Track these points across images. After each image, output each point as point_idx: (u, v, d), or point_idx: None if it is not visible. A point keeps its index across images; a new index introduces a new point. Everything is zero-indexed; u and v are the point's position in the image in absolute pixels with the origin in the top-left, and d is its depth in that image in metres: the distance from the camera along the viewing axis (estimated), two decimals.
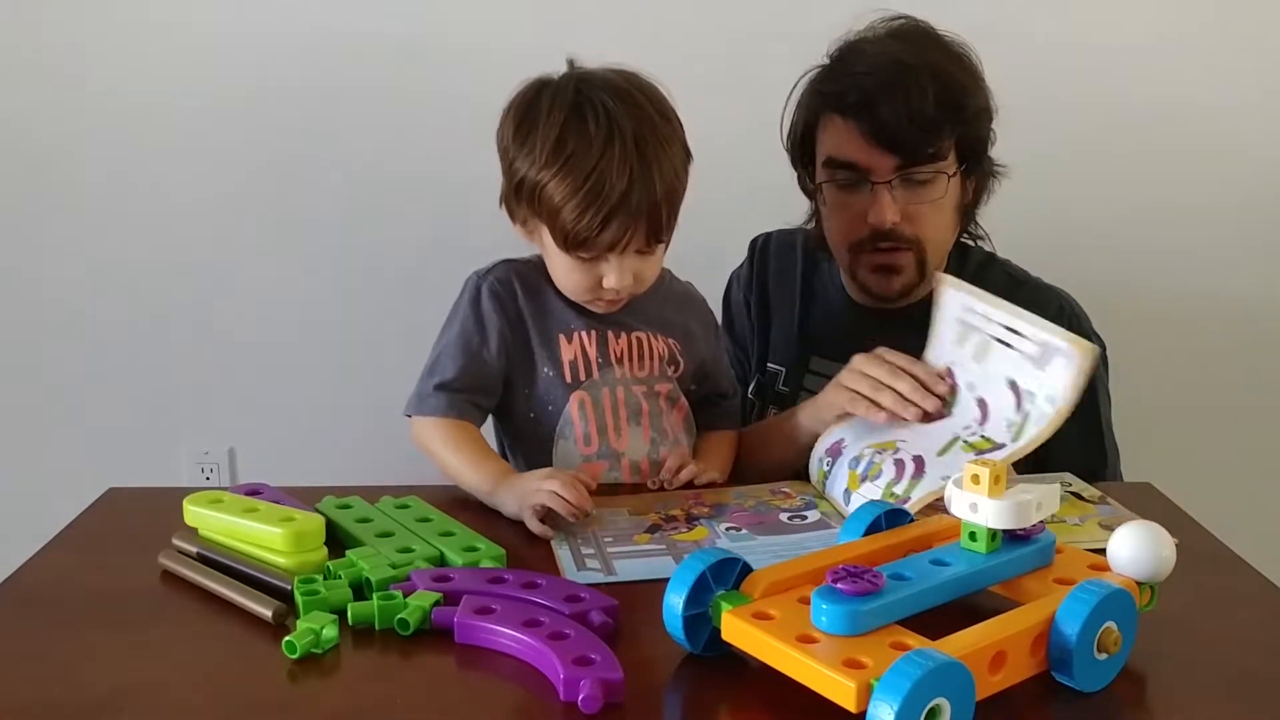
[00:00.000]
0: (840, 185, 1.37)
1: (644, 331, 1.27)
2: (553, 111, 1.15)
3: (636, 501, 1.16)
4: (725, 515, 1.12)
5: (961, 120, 1.33)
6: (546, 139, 1.14)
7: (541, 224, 1.18)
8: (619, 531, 1.08)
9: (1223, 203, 1.93)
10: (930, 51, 1.34)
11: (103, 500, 1.18)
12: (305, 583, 0.91)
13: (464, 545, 1.00)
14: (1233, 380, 1.99)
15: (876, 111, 1.30)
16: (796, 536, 1.07)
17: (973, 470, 0.83)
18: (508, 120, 1.20)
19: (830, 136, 1.37)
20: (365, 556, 0.97)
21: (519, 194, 1.19)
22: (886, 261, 1.38)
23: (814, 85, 1.40)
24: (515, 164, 1.18)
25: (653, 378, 1.27)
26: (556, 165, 1.14)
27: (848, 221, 1.38)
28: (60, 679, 0.82)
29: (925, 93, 1.29)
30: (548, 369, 1.23)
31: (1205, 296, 1.96)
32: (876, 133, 1.31)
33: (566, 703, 0.77)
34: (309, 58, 1.89)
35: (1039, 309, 1.41)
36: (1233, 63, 1.90)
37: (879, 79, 1.31)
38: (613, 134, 1.13)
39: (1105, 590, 0.78)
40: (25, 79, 1.90)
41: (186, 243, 1.97)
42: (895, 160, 1.32)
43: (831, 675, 0.71)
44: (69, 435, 2.03)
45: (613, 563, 1.01)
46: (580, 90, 1.16)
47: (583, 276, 1.19)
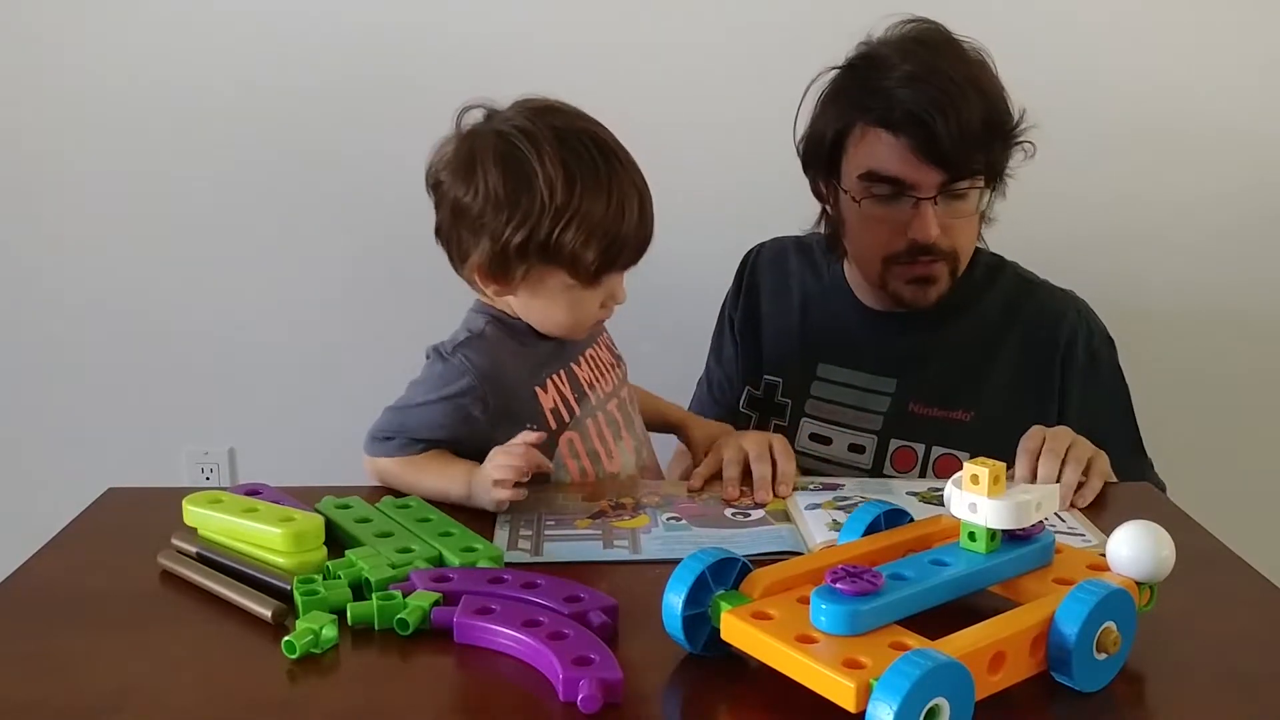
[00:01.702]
0: (878, 197, 1.35)
1: (588, 346, 1.27)
2: (544, 157, 1.10)
3: (594, 488, 1.19)
4: (672, 506, 1.14)
5: (1004, 135, 1.33)
6: (551, 183, 1.09)
7: (555, 270, 1.13)
8: (564, 515, 1.11)
9: (1228, 199, 1.93)
10: (963, 62, 1.33)
11: (103, 500, 1.18)
12: (304, 582, 0.91)
13: (462, 545, 1.00)
14: (1233, 380, 1.99)
15: (929, 128, 1.28)
16: (730, 531, 1.08)
17: (972, 470, 0.83)
18: (476, 179, 1.12)
19: (870, 149, 1.34)
20: (365, 556, 0.97)
21: (522, 252, 1.12)
22: (925, 273, 1.37)
23: (844, 93, 1.37)
24: (509, 226, 1.11)
25: (617, 385, 1.28)
26: (571, 206, 1.09)
27: (885, 234, 1.36)
28: (60, 679, 0.82)
29: (974, 109, 1.28)
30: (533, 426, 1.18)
31: (1205, 294, 1.96)
32: (927, 149, 1.29)
33: (566, 703, 0.77)
34: (305, 58, 1.89)
35: (1051, 311, 1.42)
36: (1233, 56, 1.90)
37: (927, 94, 1.28)
38: (608, 159, 1.12)
39: (1105, 590, 0.78)
40: (17, 78, 1.90)
41: (187, 243, 1.97)
42: (942, 176, 1.31)
43: (831, 675, 0.71)
44: (69, 435, 2.03)
45: (543, 545, 1.03)
46: (555, 128, 1.12)
47: (588, 305, 1.17)
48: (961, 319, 1.42)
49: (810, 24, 1.76)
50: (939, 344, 1.42)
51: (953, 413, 1.40)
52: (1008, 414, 1.37)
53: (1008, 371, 1.40)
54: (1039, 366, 1.40)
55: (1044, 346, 1.41)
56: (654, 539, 1.06)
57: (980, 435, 1.37)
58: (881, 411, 1.42)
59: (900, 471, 1.40)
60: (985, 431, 1.37)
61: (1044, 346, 1.41)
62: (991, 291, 1.44)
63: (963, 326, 1.42)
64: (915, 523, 0.94)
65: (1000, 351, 1.41)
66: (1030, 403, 1.38)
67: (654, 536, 1.06)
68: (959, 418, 1.40)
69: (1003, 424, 1.35)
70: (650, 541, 1.05)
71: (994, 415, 1.38)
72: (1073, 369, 1.40)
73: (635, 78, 1.85)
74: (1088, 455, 1.16)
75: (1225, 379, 1.99)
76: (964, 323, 1.42)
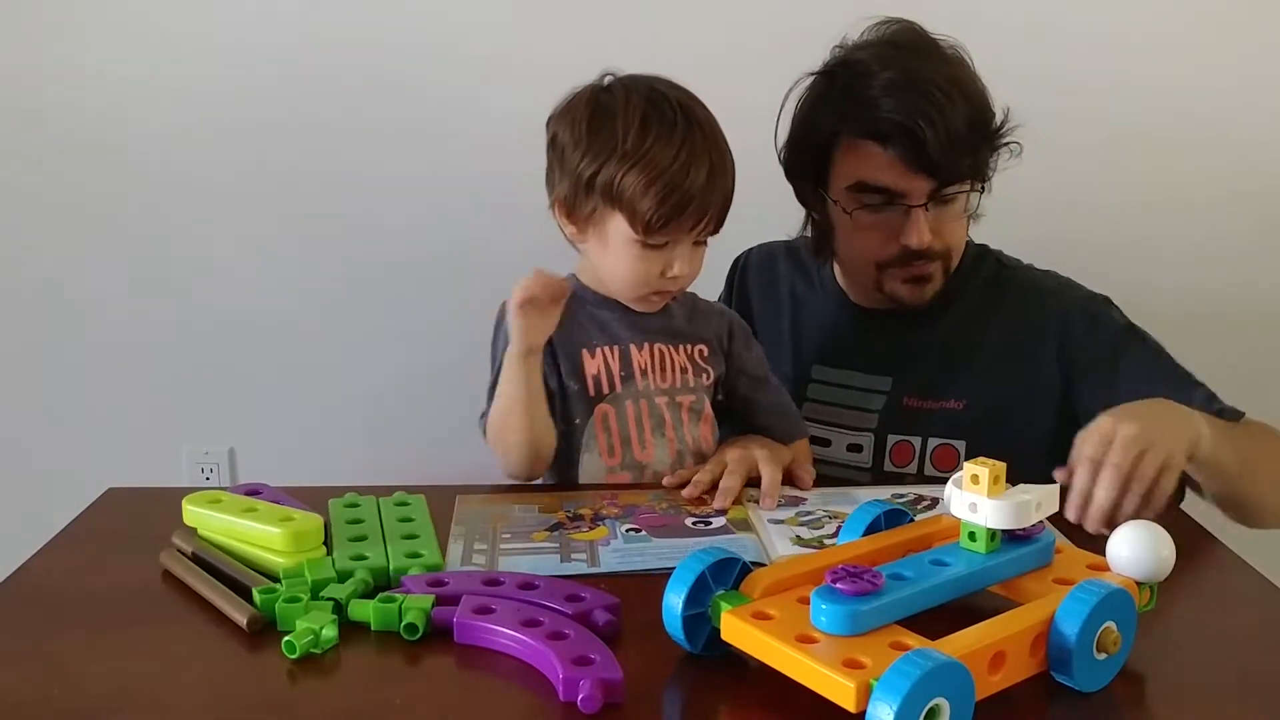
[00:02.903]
0: (868, 207, 1.34)
1: (665, 344, 1.29)
2: (629, 105, 1.19)
3: (550, 499, 1.17)
4: (632, 517, 1.12)
5: (989, 136, 1.33)
6: (628, 128, 1.18)
7: (615, 213, 1.20)
8: (519, 529, 1.09)
9: (1221, 194, 1.93)
10: (942, 63, 1.32)
11: (103, 500, 1.18)
12: (290, 587, 0.91)
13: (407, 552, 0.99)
14: (1233, 380, 1.99)
15: (916, 138, 1.27)
16: (690, 541, 1.06)
17: (972, 470, 0.83)
18: (572, 120, 1.22)
19: (859, 160, 1.33)
20: (364, 557, 0.97)
21: (590, 188, 1.20)
22: (920, 273, 1.37)
23: (827, 103, 1.36)
24: (584, 160, 1.19)
25: (675, 389, 1.28)
26: (641, 151, 1.17)
27: (877, 241, 1.36)
28: (60, 678, 0.82)
29: (958, 113, 1.28)
30: (572, 383, 1.25)
31: (1204, 291, 1.96)
32: (917, 159, 1.28)
33: (566, 703, 0.77)
34: (309, 57, 1.89)
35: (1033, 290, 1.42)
36: (1235, 51, 1.90)
37: (910, 103, 1.28)
38: (690, 125, 1.19)
39: (1105, 590, 0.78)
40: (17, 78, 1.90)
41: (186, 242, 1.97)
42: (932, 184, 1.31)
43: (831, 675, 0.71)
44: (69, 435, 2.03)
45: (499, 559, 1.02)
46: (653, 88, 1.21)
47: (649, 266, 1.22)
48: (948, 310, 1.42)
49: (789, 27, 1.75)
50: (929, 337, 1.43)
51: (946, 403, 1.40)
52: (999, 398, 1.38)
53: (995, 356, 1.41)
54: (1028, 346, 1.40)
55: (1031, 325, 1.40)
56: (612, 551, 1.03)
57: (974, 422, 1.38)
58: (877, 410, 1.43)
59: (899, 466, 1.41)
60: (979, 418, 1.38)
61: (1031, 325, 1.40)
62: (975, 280, 1.45)
63: (949, 317, 1.43)
64: (915, 523, 0.94)
65: (986, 337, 1.41)
66: (1022, 384, 1.38)
67: (612, 549, 1.04)
68: (952, 407, 1.40)
69: (996, 409, 1.38)
70: (609, 554, 1.03)
71: (986, 401, 1.39)
72: (1072, 340, 1.38)
73: None
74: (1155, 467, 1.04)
75: (1225, 379, 1.98)
76: (950, 313, 1.43)
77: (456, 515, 1.12)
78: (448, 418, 2.00)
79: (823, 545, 1.05)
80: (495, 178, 1.88)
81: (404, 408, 2.00)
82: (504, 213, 1.88)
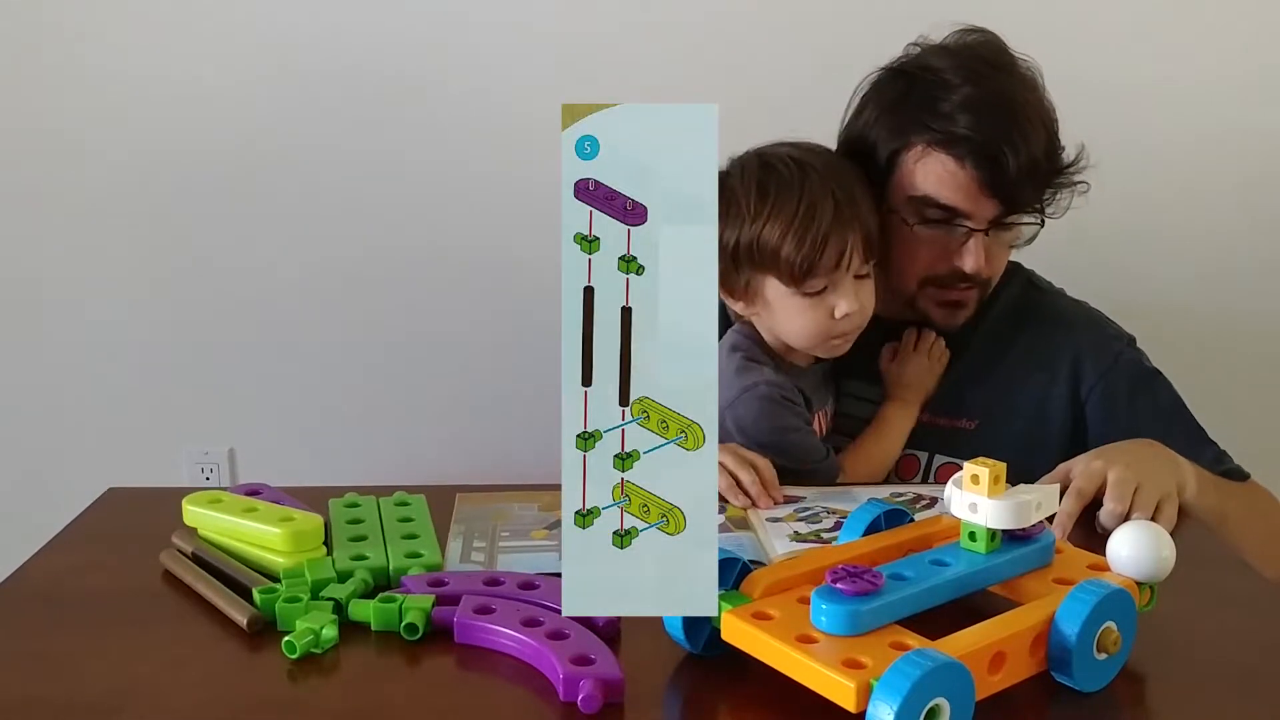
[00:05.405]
0: (930, 222, 1.30)
1: None
2: (744, 175, 1.24)
3: (550, 497, 1.16)
4: None
5: (1060, 169, 1.30)
6: (748, 195, 1.23)
7: (766, 276, 1.24)
8: (519, 526, 1.09)
9: (1226, 198, 1.93)
10: (1024, 88, 1.28)
11: (103, 500, 1.18)
12: (290, 586, 0.91)
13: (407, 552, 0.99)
14: (1233, 380, 1.99)
15: (998, 162, 1.23)
16: None
17: (972, 470, 0.83)
18: None
19: (930, 173, 1.27)
20: (364, 557, 0.97)
21: (736, 260, 1.24)
22: (959, 299, 1.34)
23: (902, 107, 1.30)
24: (723, 238, 1.22)
25: None
26: (766, 209, 1.22)
27: (928, 258, 1.32)
28: (60, 678, 0.82)
29: (1039, 143, 1.25)
30: None
31: (1204, 292, 1.96)
32: (994, 183, 1.25)
33: (566, 702, 0.77)
34: (308, 56, 1.89)
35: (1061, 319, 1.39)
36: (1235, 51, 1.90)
37: (995, 124, 1.24)
38: (805, 171, 1.23)
39: (1105, 590, 0.78)
40: (17, 77, 1.91)
41: (186, 242, 1.97)
42: (999, 210, 1.27)
43: (831, 675, 0.71)
44: (69, 435, 2.03)
45: (498, 557, 1.01)
46: (761, 152, 1.26)
47: (816, 314, 1.25)
48: (972, 329, 1.39)
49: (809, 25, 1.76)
50: (951, 353, 1.41)
51: (958, 421, 1.38)
52: (1011, 421, 1.36)
53: (1012, 379, 1.38)
54: (1046, 375, 1.37)
55: (1052, 355, 1.37)
56: None
57: (982, 442, 1.34)
58: None
59: (903, 479, 1.39)
60: (988, 439, 1.35)
61: (1052, 355, 1.37)
62: (1001, 300, 1.42)
63: (972, 336, 1.40)
64: (915, 523, 0.94)
65: (1006, 358, 1.38)
66: (1035, 412, 1.36)
67: None
68: (964, 426, 1.38)
69: (1006, 431, 1.35)
70: None
71: (998, 423, 1.36)
72: (1090, 376, 1.36)
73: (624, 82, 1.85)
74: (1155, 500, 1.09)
75: (1226, 379, 1.99)
76: (973, 332, 1.40)
77: (456, 514, 1.12)
78: (448, 418, 2.01)
79: (820, 539, 1.05)
80: (497, 178, 1.88)
81: (404, 408, 2.00)
82: (505, 213, 1.88)
